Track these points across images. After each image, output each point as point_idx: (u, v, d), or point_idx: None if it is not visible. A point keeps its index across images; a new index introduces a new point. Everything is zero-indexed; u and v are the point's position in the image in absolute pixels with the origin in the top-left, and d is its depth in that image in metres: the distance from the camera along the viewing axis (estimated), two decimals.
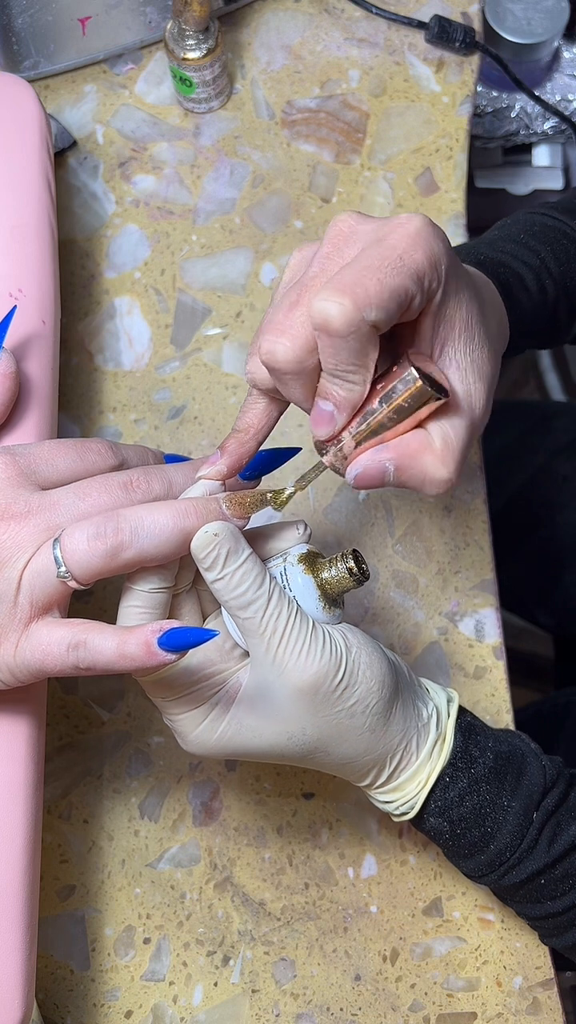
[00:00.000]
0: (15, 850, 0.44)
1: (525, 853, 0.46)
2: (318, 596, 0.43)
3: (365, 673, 0.43)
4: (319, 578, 0.43)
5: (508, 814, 0.46)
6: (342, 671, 0.42)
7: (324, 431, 0.41)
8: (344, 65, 0.68)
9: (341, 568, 0.43)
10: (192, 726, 0.43)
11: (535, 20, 0.96)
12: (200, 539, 0.41)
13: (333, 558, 0.44)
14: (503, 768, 0.46)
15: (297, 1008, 0.54)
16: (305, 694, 0.42)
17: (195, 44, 0.62)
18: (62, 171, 0.66)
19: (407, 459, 0.40)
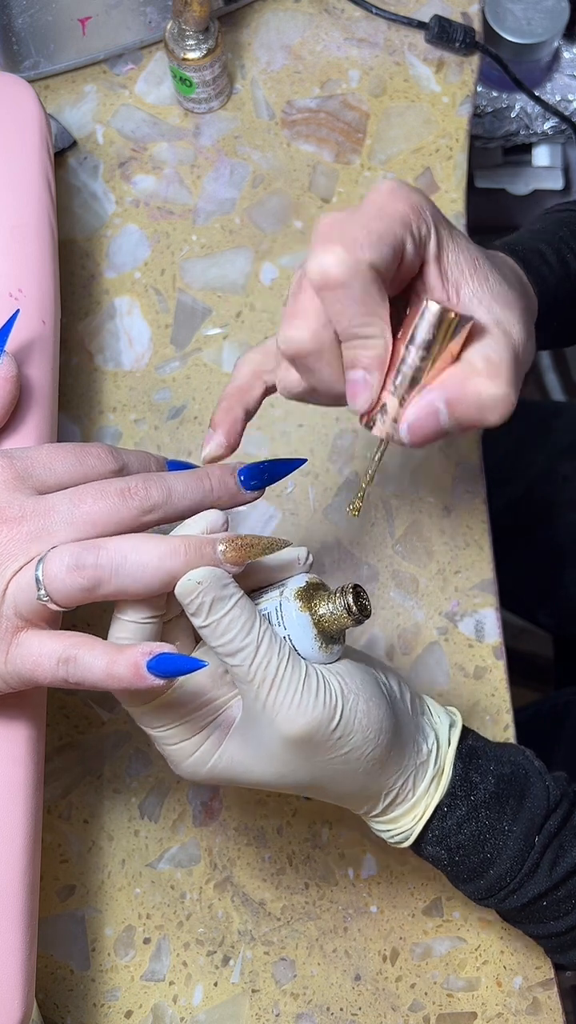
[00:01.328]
0: (15, 850, 0.44)
1: (526, 877, 0.45)
2: (314, 635, 0.41)
3: (362, 722, 0.41)
4: (315, 615, 0.41)
5: (509, 838, 0.44)
6: (336, 721, 0.40)
7: (363, 399, 0.39)
8: (344, 65, 0.68)
9: (339, 605, 0.40)
10: (183, 756, 0.42)
11: (535, 20, 0.96)
12: (183, 586, 0.39)
13: (332, 593, 0.41)
14: (505, 791, 0.45)
15: (297, 1008, 0.54)
16: (296, 743, 0.40)
17: (195, 44, 0.62)
18: (62, 171, 0.66)
19: (455, 389, 0.37)
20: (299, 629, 0.41)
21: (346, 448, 0.61)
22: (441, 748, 0.45)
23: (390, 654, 0.58)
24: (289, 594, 0.41)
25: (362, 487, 0.42)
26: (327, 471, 0.61)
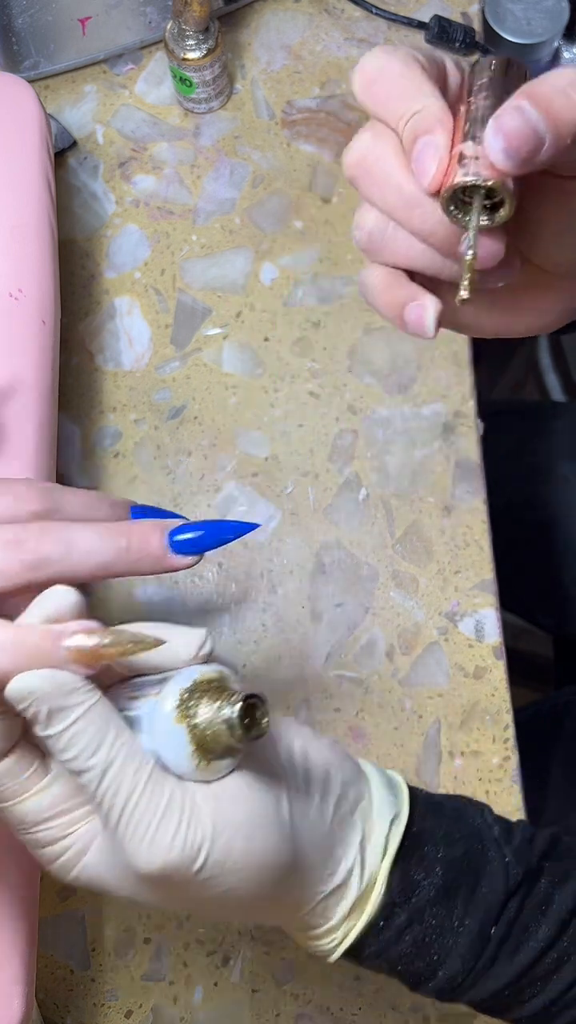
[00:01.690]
0: (15, 849, 0.44)
1: (482, 972, 0.38)
2: (190, 751, 0.32)
3: (237, 862, 0.33)
4: (191, 725, 0.32)
5: (460, 936, 0.38)
6: (199, 863, 0.32)
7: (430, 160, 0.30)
8: (344, 65, 0.68)
9: (220, 716, 0.31)
10: (46, 861, 0.35)
11: (535, 20, 0.96)
12: (10, 692, 0.31)
13: (222, 699, 0.32)
14: (456, 880, 0.38)
15: (297, 1008, 0.54)
16: (152, 880, 0.33)
17: (195, 44, 0.62)
18: (62, 171, 0.66)
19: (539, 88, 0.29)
20: (171, 742, 0.32)
21: (346, 448, 0.61)
22: (368, 864, 0.37)
23: (390, 654, 0.58)
24: (168, 696, 0.32)
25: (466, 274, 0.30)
26: (327, 471, 0.61)
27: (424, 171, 0.31)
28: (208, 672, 0.33)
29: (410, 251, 0.34)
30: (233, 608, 0.59)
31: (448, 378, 0.62)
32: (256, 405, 0.62)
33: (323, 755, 0.37)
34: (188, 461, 0.61)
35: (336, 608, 0.59)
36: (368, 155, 0.33)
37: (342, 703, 0.57)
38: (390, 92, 0.32)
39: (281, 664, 0.58)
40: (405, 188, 0.32)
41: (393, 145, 0.32)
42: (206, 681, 0.33)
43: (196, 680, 0.33)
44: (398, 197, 0.32)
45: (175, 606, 0.58)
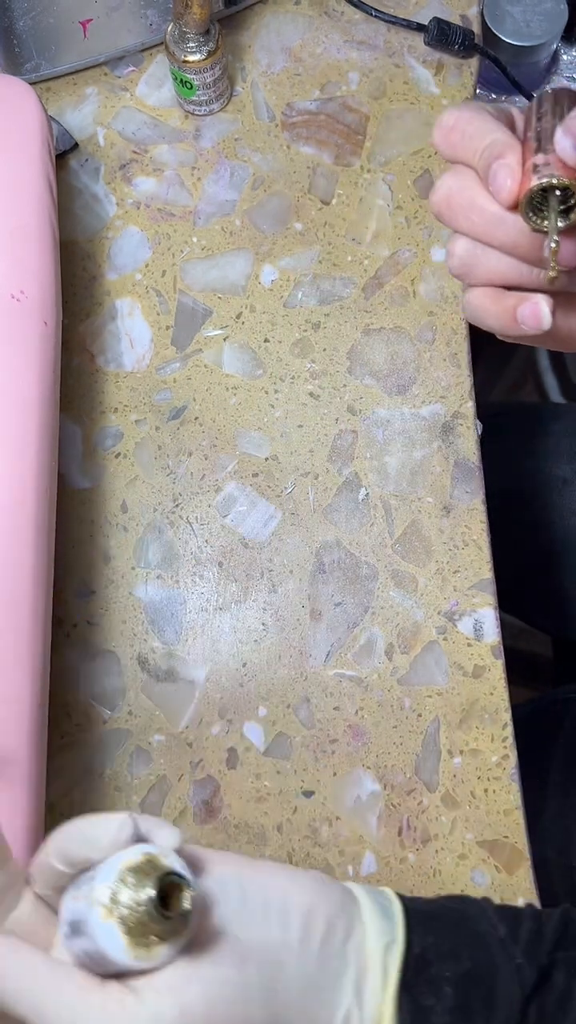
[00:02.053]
0: (19, 849, 0.44)
1: None
2: (124, 944, 0.31)
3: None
4: (120, 918, 0.31)
5: None
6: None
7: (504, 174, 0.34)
8: (344, 67, 0.68)
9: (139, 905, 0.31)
10: None
11: (534, 22, 0.96)
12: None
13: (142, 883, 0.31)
14: (468, 998, 0.36)
15: None
16: None
17: (196, 47, 0.62)
18: (63, 173, 0.66)
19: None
20: (106, 938, 0.31)
21: (346, 448, 0.61)
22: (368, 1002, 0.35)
23: (389, 653, 0.58)
24: (94, 896, 0.32)
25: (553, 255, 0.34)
26: (327, 471, 0.61)
27: (500, 187, 0.34)
28: (130, 859, 0.32)
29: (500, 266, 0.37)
30: (233, 608, 0.59)
31: (447, 379, 0.62)
32: (256, 406, 0.62)
33: (305, 894, 0.35)
34: (189, 461, 0.61)
35: (336, 607, 0.59)
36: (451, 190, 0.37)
37: (342, 702, 0.58)
38: (464, 134, 0.36)
39: (281, 663, 0.58)
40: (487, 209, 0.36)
41: (472, 178, 0.36)
42: (130, 868, 0.32)
43: (120, 870, 0.32)
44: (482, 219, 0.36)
45: (175, 605, 0.59)
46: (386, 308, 0.64)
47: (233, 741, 0.57)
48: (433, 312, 0.63)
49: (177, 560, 0.59)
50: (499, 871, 0.56)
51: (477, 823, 0.56)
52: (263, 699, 0.57)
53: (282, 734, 0.57)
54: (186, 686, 0.58)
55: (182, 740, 0.57)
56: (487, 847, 0.56)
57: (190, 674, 0.58)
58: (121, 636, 0.58)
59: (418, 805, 0.57)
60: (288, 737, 0.57)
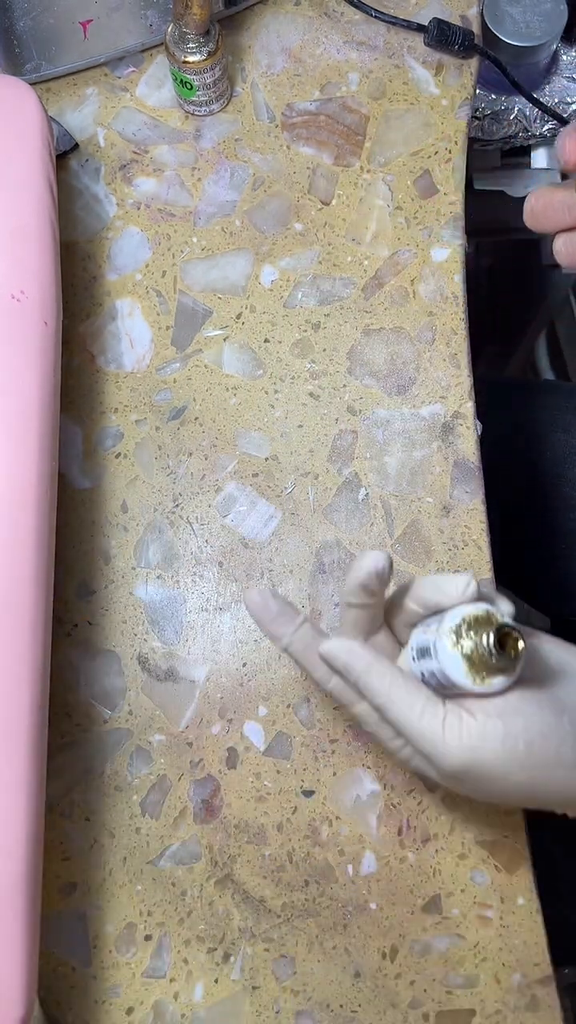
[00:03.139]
0: (17, 848, 0.44)
1: None
2: (465, 670, 0.42)
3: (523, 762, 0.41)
4: (464, 653, 0.42)
5: None
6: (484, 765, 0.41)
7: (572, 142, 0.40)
8: (344, 68, 0.69)
9: (481, 646, 0.41)
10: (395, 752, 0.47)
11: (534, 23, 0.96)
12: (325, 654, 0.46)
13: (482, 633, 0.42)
14: None
15: (297, 1005, 0.54)
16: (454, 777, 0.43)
17: (196, 47, 0.62)
18: (64, 173, 0.66)
19: None
20: (451, 664, 0.42)
21: (346, 448, 0.61)
22: None
23: None
24: (441, 634, 0.43)
25: None
26: (327, 471, 0.61)
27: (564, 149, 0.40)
28: (472, 611, 0.42)
29: None
30: (233, 608, 0.59)
31: (447, 379, 0.62)
32: (256, 406, 0.62)
33: None
34: (189, 461, 0.61)
35: (336, 608, 0.59)
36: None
37: None
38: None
39: (281, 663, 0.58)
40: None
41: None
42: (472, 618, 0.42)
43: (464, 617, 0.42)
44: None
45: (176, 605, 0.59)
46: (386, 308, 0.64)
47: (233, 741, 0.57)
48: (433, 312, 0.64)
49: (177, 560, 0.59)
50: (499, 871, 0.56)
51: (477, 823, 0.56)
52: (263, 699, 0.58)
53: (282, 734, 0.57)
54: (186, 686, 0.58)
55: (182, 740, 0.57)
56: (487, 847, 0.56)
57: (190, 674, 0.58)
58: (121, 636, 0.58)
59: (418, 805, 0.57)
60: (288, 737, 0.57)
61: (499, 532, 0.62)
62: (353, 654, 0.45)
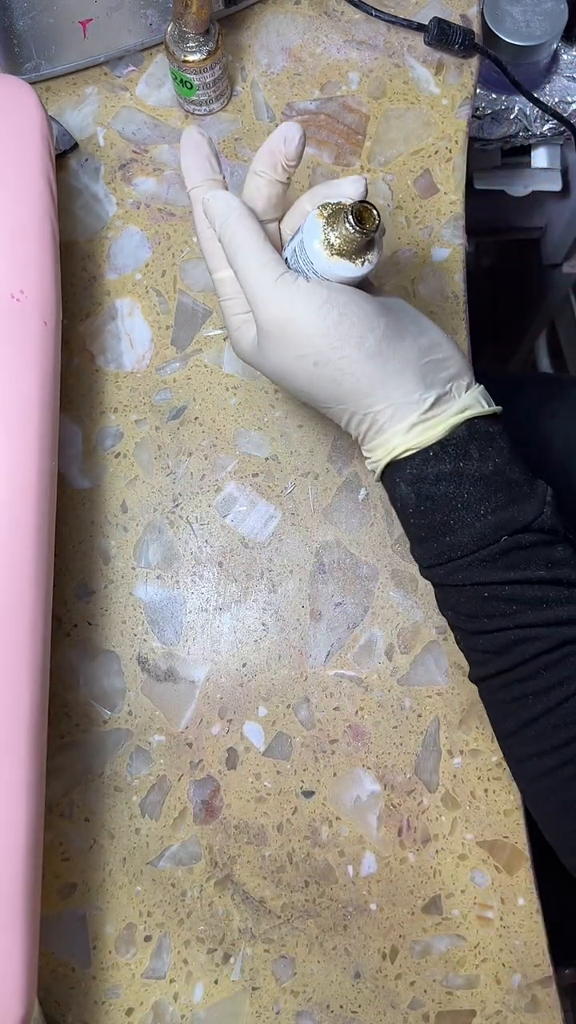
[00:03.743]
0: (16, 848, 0.44)
1: (479, 561, 0.46)
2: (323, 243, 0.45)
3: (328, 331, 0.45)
4: (325, 235, 0.45)
5: (479, 520, 0.46)
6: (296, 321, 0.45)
7: None
8: (344, 67, 0.68)
9: (344, 224, 0.44)
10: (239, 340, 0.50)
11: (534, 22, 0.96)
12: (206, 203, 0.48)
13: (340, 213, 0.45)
14: (498, 485, 0.47)
15: (297, 1005, 0.54)
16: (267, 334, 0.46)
17: (196, 47, 0.62)
18: (63, 173, 0.66)
19: None
20: (311, 229, 0.45)
21: (346, 448, 0.61)
22: (444, 408, 0.47)
23: (389, 653, 0.58)
24: (317, 209, 0.46)
25: None
26: (327, 471, 0.61)
27: None
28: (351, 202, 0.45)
29: None
30: (233, 608, 0.59)
31: None
32: (256, 406, 0.62)
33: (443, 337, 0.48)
34: (189, 461, 0.61)
35: (336, 607, 0.59)
36: None
37: (342, 702, 0.58)
38: None
39: (281, 663, 0.58)
40: None
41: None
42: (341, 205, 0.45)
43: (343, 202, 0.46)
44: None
45: (175, 605, 0.59)
46: None
47: (233, 741, 0.57)
48: (433, 312, 0.63)
49: (177, 560, 0.59)
50: (499, 871, 0.56)
51: (477, 823, 0.56)
52: (263, 699, 0.57)
53: (282, 734, 0.57)
54: (186, 686, 0.58)
55: (182, 740, 0.57)
56: (487, 847, 0.56)
57: (190, 674, 0.58)
58: (121, 636, 0.58)
59: (418, 805, 0.56)
60: (288, 737, 0.57)
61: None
62: (228, 204, 0.47)
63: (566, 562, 0.47)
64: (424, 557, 0.49)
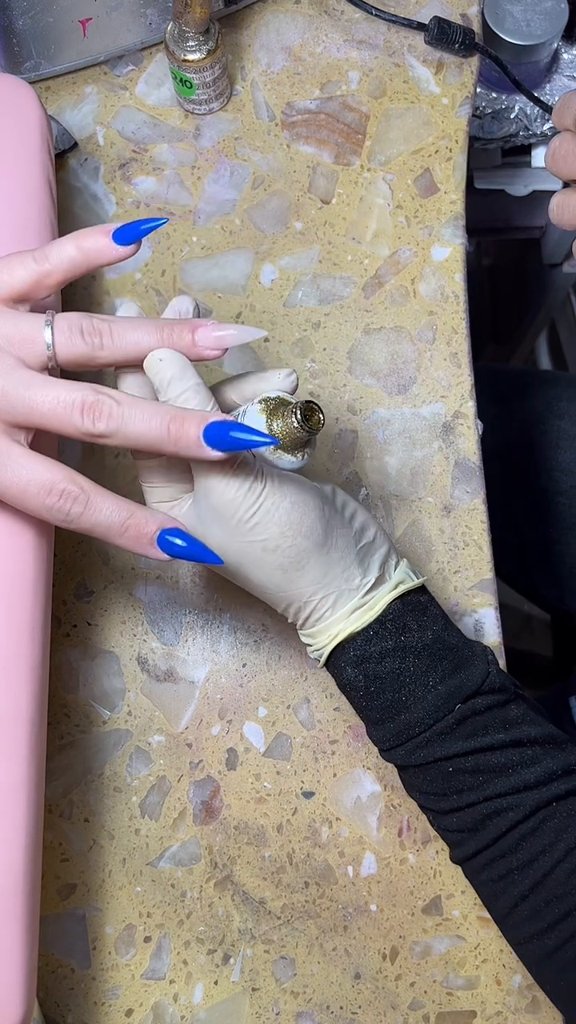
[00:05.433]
0: (16, 849, 0.44)
1: (438, 735, 0.46)
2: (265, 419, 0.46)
3: (281, 519, 0.45)
4: (269, 425, 0.46)
5: (430, 693, 0.46)
6: (256, 506, 0.44)
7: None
8: (344, 67, 0.68)
9: (291, 422, 0.45)
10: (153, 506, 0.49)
11: (534, 22, 0.96)
12: (148, 362, 0.45)
13: (287, 409, 0.45)
14: (440, 653, 0.47)
15: (297, 1006, 0.54)
16: (222, 515, 0.45)
17: (195, 46, 0.62)
18: (63, 173, 0.66)
19: None
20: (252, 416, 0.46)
21: (346, 448, 0.61)
22: (379, 588, 0.48)
23: None
24: (255, 401, 0.46)
25: None
26: (327, 471, 0.61)
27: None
28: (287, 396, 0.47)
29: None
30: (233, 608, 0.59)
31: (448, 379, 0.62)
32: None
33: (368, 518, 0.49)
34: None
35: None
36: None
37: (342, 702, 0.58)
38: None
39: (281, 664, 0.58)
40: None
41: None
42: (285, 400, 0.46)
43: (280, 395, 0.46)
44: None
45: (175, 605, 0.59)
46: (386, 308, 0.64)
47: (233, 741, 0.57)
48: (433, 312, 0.63)
49: (176, 560, 0.59)
50: None
51: None
52: (263, 699, 0.57)
53: (282, 734, 0.57)
54: (186, 687, 0.58)
55: (181, 740, 0.57)
56: None
57: (190, 674, 0.58)
58: (121, 636, 0.58)
59: (418, 806, 0.56)
60: (288, 737, 0.57)
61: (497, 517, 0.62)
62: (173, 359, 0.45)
63: (522, 719, 0.48)
64: (383, 740, 0.49)
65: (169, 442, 0.42)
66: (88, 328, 0.44)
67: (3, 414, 0.42)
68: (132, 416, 0.42)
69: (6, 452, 0.42)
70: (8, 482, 0.42)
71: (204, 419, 0.42)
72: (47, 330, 0.43)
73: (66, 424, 0.42)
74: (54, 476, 0.42)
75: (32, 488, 0.42)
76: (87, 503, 0.42)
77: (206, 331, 0.45)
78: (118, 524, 0.43)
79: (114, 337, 0.44)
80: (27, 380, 0.42)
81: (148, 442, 0.43)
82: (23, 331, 0.43)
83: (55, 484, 0.42)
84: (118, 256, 0.46)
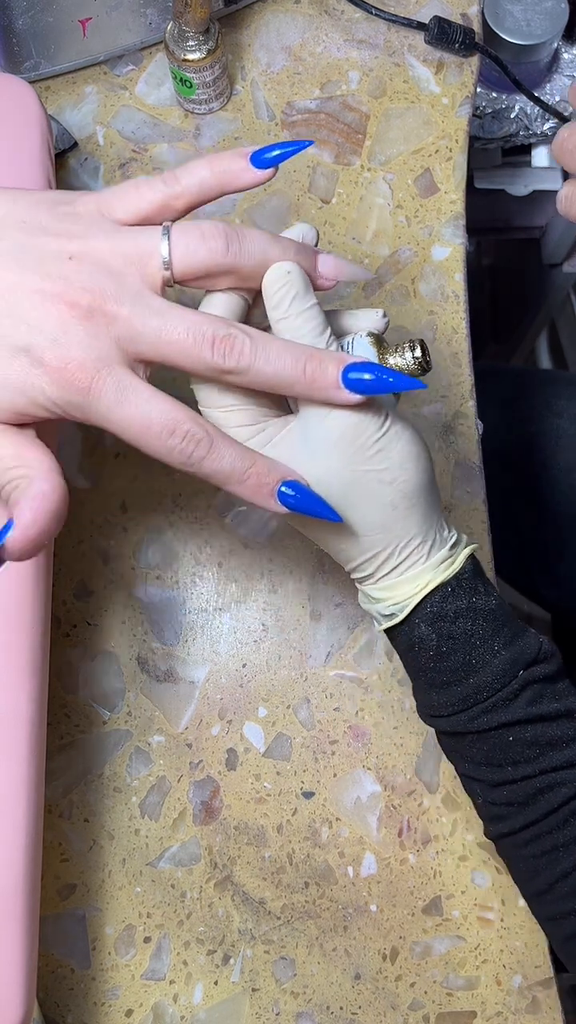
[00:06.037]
0: (16, 849, 0.44)
1: (503, 700, 0.45)
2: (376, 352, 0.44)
3: (404, 449, 0.42)
4: (383, 360, 0.43)
5: (496, 657, 0.45)
6: (382, 432, 0.42)
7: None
8: (344, 66, 0.68)
9: (408, 357, 0.43)
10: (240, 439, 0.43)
11: (534, 21, 0.96)
12: (273, 272, 0.41)
13: (401, 345, 0.43)
14: (503, 619, 0.46)
15: (297, 1007, 0.54)
16: (343, 440, 0.41)
17: (195, 45, 0.62)
18: (63, 172, 0.66)
19: None
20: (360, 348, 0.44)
21: None
22: (459, 543, 0.45)
23: (389, 654, 0.58)
24: (363, 334, 0.44)
25: None
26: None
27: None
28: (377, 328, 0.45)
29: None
30: (233, 608, 0.59)
31: (448, 378, 0.62)
32: None
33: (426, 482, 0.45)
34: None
35: (336, 608, 0.59)
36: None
37: (342, 702, 0.58)
38: None
39: (281, 664, 0.58)
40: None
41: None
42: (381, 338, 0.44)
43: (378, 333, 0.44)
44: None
45: (175, 605, 0.58)
46: (387, 307, 0.63)
47: (233, 742, 0.57)
48: (434, 311, 0.63)
49: (177, 560, 0.59)
50: (500, 872, 0.56)
51: (477, 824, 0.56)
52: (263, 699, 0.57)
53: (282, 735, 0.57)
54: (186, 687, 0.57)
55: (181, 741, 0.57)
56: (487, 848, 0.56)
57: (190, 674, 0.58)
58: (121, 636, 0.58)
59: (418, 806, 0.56)
60: (288, 738, 0.57)
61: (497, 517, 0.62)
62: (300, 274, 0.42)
63: (569, 691, 0.46)
64: (446, 704, 0.46)
65: (304, 383, 0.40)
66: (211, 231, 0.40)
67: (127, 343, 0.39)
68: (266, 353, 0.39)
69: (129, 386, 0.39)
70: (129, 419, 0.39)
71: (342, 360, 0.40)
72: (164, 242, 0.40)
73: (194, 359, 0.39)
74: (178, 416, 0.39)
75: (155, 428, 0.39)
76: (211, 447, 0.39)
77: (328, 258, 0.43)
78: (240, 471, 0.40)
79: (242, 241, 0.41)
80: (156, 307, 0.39)
81: (279, 382, 0.40)
82: (141, 245, 0.40)
83: (179, 424, 0.39)
84: (254, 180, 0.42)
